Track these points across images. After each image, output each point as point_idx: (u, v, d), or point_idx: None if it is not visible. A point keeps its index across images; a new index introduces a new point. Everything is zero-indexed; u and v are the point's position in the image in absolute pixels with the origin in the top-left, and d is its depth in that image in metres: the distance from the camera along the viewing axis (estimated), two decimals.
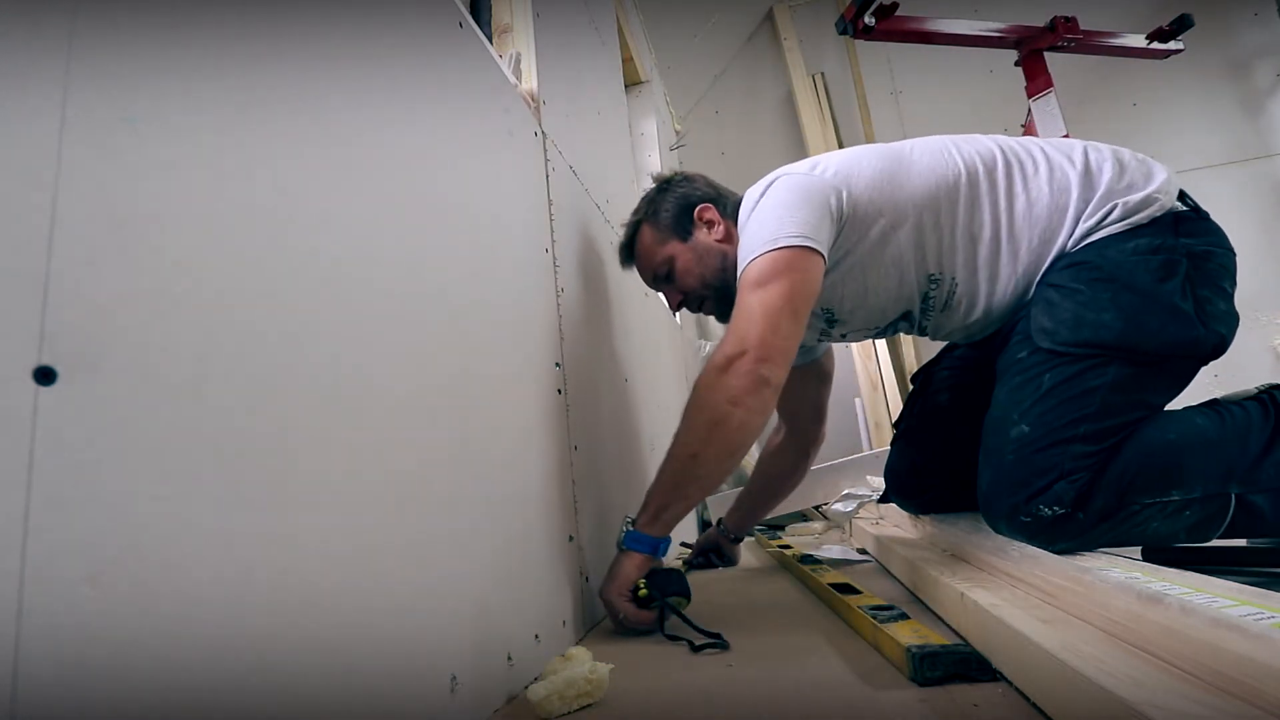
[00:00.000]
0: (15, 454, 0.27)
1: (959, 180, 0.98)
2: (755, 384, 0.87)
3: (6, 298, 0.27)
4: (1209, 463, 0.85)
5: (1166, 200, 0.93)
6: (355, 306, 0.51)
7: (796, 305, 0.90)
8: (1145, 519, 0.86)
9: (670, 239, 1.12)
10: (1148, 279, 0.88)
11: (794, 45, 3.31)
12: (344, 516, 0.46)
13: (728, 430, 0.87)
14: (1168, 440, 0.87)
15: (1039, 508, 0.85)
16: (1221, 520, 0.86)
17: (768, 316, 0.88)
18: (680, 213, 1.12)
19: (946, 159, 1.00)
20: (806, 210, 0.93)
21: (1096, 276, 0.90)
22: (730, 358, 0.88)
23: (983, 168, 0.99)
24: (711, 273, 1.10)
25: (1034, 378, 0.91)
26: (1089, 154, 0.98)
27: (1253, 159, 2.84)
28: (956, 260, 0.99)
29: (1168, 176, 0.96)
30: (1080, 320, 0.89)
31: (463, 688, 0.56)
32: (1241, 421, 0.88)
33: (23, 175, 0.29)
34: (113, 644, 0.29)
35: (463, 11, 0.82)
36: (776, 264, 0.90)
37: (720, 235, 1.09)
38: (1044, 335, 0.91)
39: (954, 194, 0.98)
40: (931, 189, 0.98)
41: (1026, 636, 0.54)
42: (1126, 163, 0.97)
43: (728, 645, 0.78)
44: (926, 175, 0.98)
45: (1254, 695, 0.39)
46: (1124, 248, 0.91)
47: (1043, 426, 0.88)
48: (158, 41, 0.36)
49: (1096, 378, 0.87)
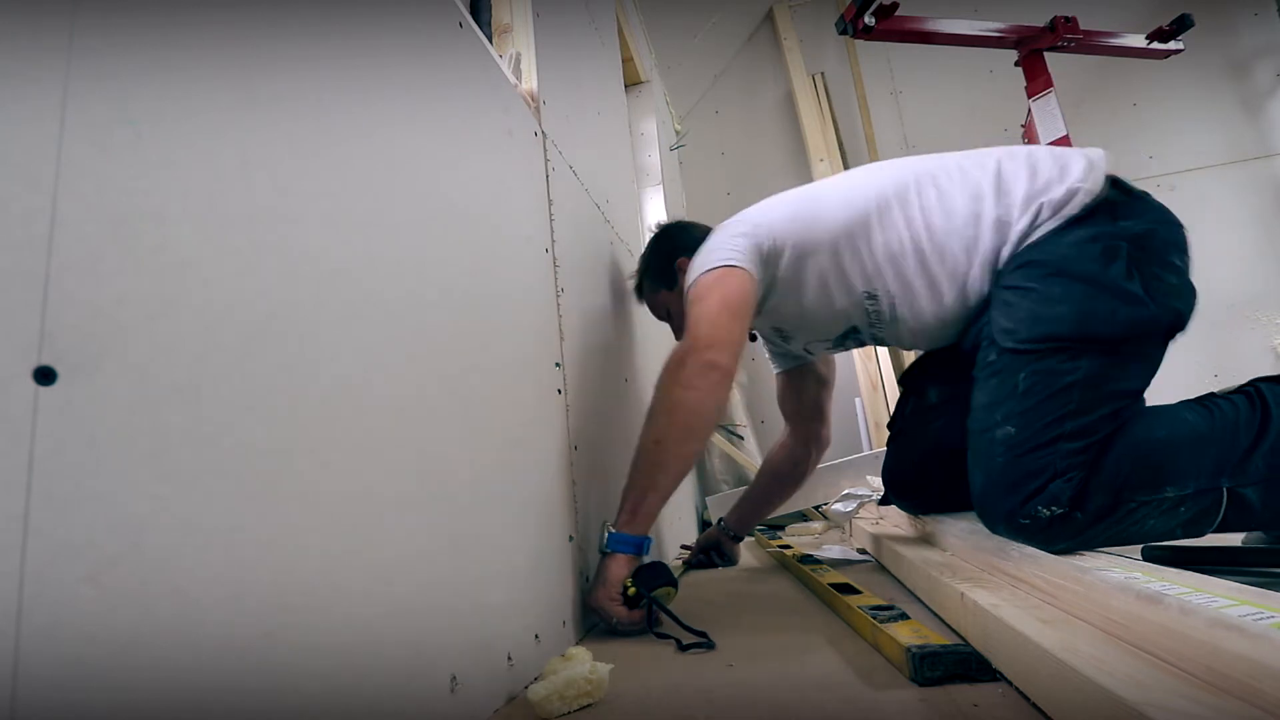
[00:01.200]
0: (15, 454, 0.27)
1: (868, 209, 1.06)
2: (703, 368, 0.98)
3: (6, 298, 0.27)
4: (1200, 458, 0.86)
5: (1091, 187, 0.95)
6: (355, 306, 0.51)
7: (731, 306, 1.03)
8: (1142, 516, 0.87)
9: (660, 288, 1.33)
10: (1092, 266, 0.90)
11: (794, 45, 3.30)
12: (344, 516, 0.46)
13: (684, 412, 0.97)
14: (1158, 438, 0.87)
15: (1037, 509, 0.85)
16: (1215, 514, 0.87)
17: (707, 317, 1.02)
18: (665, 265, 1.30)
19: (856, 192, 1.09)
20: (733, 242, 1.09)
21: (1046, 272, 0.93)
22: (681, 354, 1.00)
23: (893, 190, 1.06)
24: None
25: (1007, 378, 0.92)
26: (1001, 162, 1.02)
27: (1253, 159, 2.84)
28: (886, 277, 1.06)
29: (1087, 165, 0.97)
30: (1036, 316, 0.91)
31: (463, 688, 0.56)
32: (1230, 415, 0.88)
33: (23, 175, 0.29)
34: (113, 644, 0.29)
35: (463, 11, 0.82)
36: (709, 281, 1.06)
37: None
38: (1005, 335, 0.94)
39: (866, 220, 1.06)
40: (844, 221, 1.07)
41: (1026, 636, 0.54)
42: (1039, 162, 1.00)
43: (714, 645, 0.79)
44: (838, 210, 1.08)
45: (1254, 695, 0.39)
46: (1063, 240, 0.94)
47: (1028, 427, 0.89)
48: (158, 41, 0.36)
49: (1069, 373, 0.89)
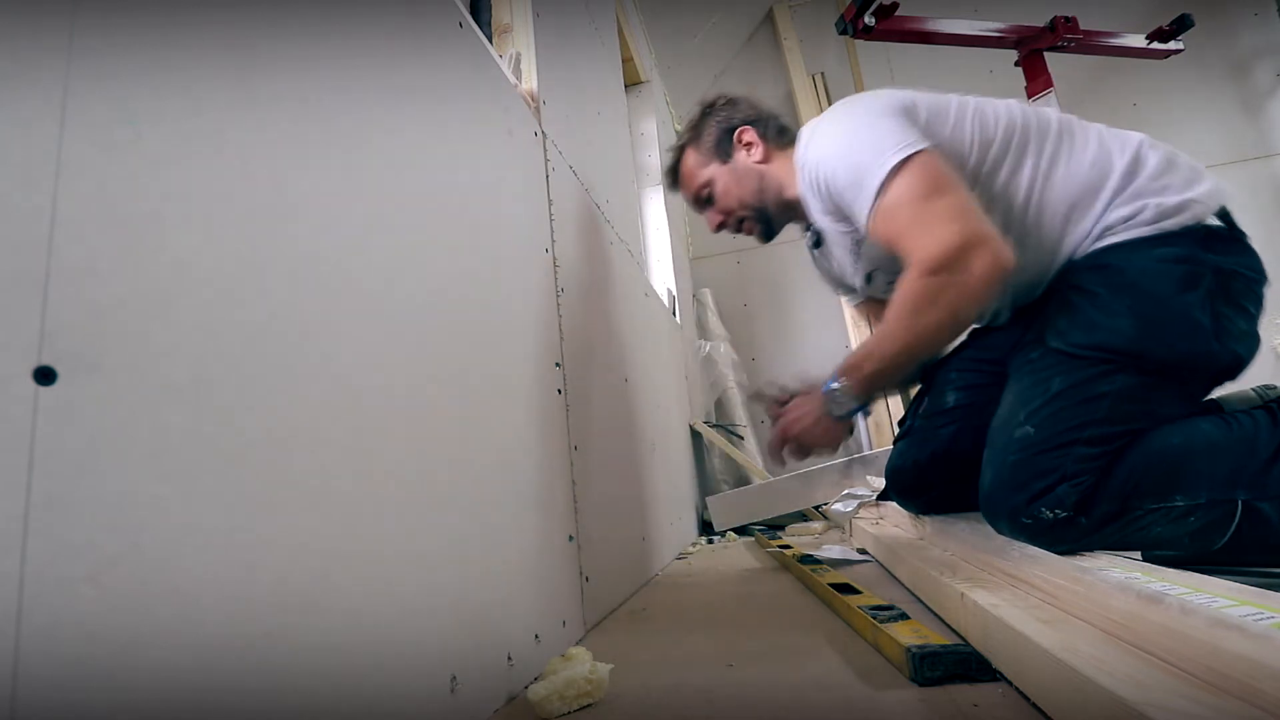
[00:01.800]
0: (15, 454, 0.27)
1: (1010, 134, 0.97)
2: (997, 273, 0.85)
3: (6, 298, 0.27)
4: (1214, 468, 0.85)
5: (1201, 211, 0.91)
6: (354, 306, 0.51)
7: (966, 191, 0.90)
8: (1148, 523, 0.86)
9: (712, 161, 1.17)
10: (1168, 288, 0.87)
11: (794, 45, 3.30)
12: (344, 516, 0.46)
13: (964, 323, 0.91)
14: (1172, 444, 0.86)
15: (1040, 510, 0.85)
16: (1226, 527, 0.85)
17: (967, 207, 0.87)
18: (722, 135, 1.15)
19: (994, 112, 1.00)
20: (892, 125, 0.93)
21: (1118, 281, 0.90)
22: (958, 250, 0.84)
23: (1036, 124, 0.99)
24: (750, 193, 1.15)
25: (1043, 379, 0.91)
26: (1142, 146, 0.97)
27: (1253, 159, 2.84)
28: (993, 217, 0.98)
29: (1213, 187, 0.94)
30: (1094, 324, 0.89)
31: (463, 688, 0.56)
32: (1249, 428, 0.87)
33: (23, 175, 0.29)
34: (113, 644, 0.29)
35: (463, 11, 0.82)
36: (909, 180, 0.89)
37: (759, 157, 1.14)
38: (1057, 336, 0.92)
39: (1004, 146, 0.97)
40: (979, 139, 0.97)
41: (1026, 636, 0.54)
42: (1177, 163, 0.96)
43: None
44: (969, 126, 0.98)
45: (1254, 695, 0.39)
46: (1150, 254, 0.90)
47: (1047, 429, 0.88)
48: (158, 41, 0.36)
49: (1106, 384, 0.87)
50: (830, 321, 2.98)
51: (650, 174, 2.63)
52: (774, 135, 1.16)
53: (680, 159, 1.23)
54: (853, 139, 0.96)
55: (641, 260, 1.90)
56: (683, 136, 1.23)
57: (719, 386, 2.66)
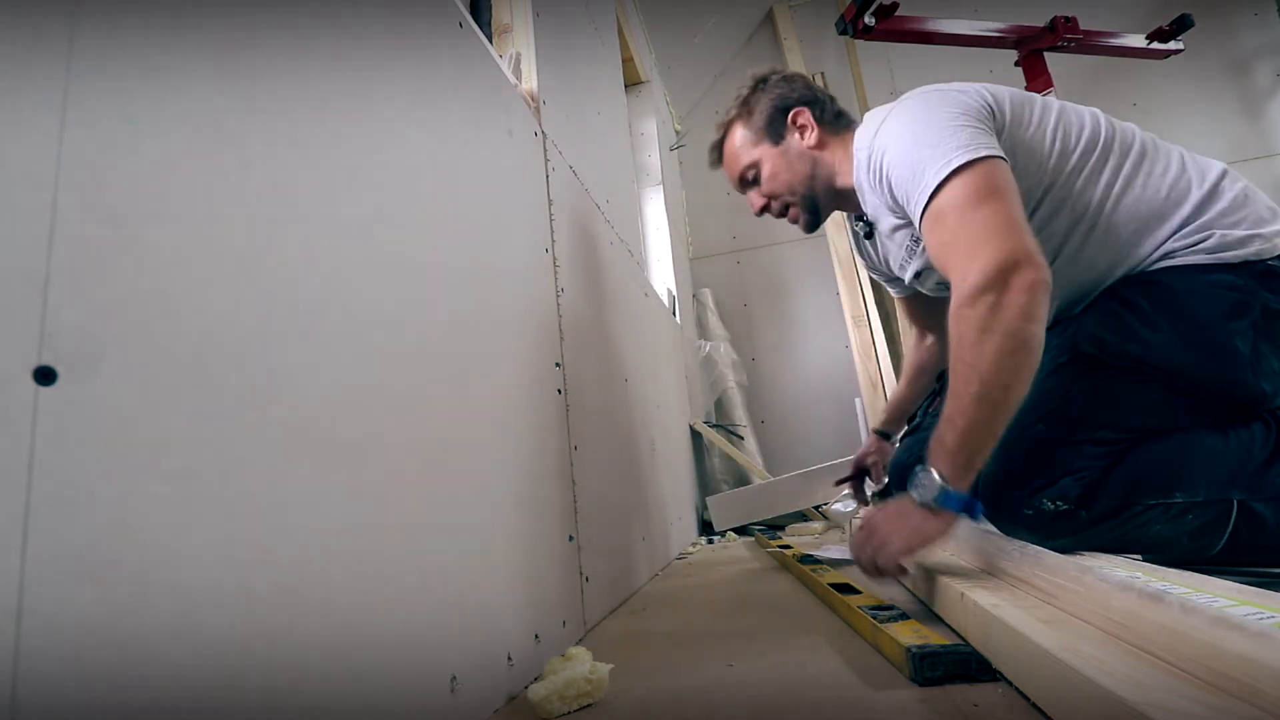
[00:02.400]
0: (15, 454, 0.27)
1: (1096, 138, 0.94)
2: (1041, 290, 0.77)
3: (6, 298, 0.27)
4: (1213, 467, 0.86)
5: (1265, 249, 0.89)
6: (354, 306, 0.51)
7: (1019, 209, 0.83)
8: (1148, 520, 0.86)
9: (762, 141, 1.10)
10: (1215, 312, 0.86)
11: (794, 45, 3.30)
12: (344, 516, 0.46)
13: (1032, 349, 0.77)
14: (1173, 445, 0.87)
15: (1043, 501, 0.86)
16: (1224, 527, 0.86)
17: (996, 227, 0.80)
18: (775, 115, 1.09)
19: (1080, 119, 0.96)
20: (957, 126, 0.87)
21: (1165, 298, 0.88)
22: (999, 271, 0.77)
23: (1120, 138, 0.95)
24: (800, 179, 1.09)
25: (1065, 380, 0.89)
26: (1224, 179, 0.94)
27: (1253, 159, 2.84)
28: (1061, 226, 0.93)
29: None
30: (1131, 332, 0.88)
31: (463, 688, 0.56)
32: (1244, 432, 0.88)
33: (23, 175, 0.29)
34: (113, 644, 0.29)
35: (463, 11, 0.82)
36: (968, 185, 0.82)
37: (813, 141, 1.08)
38: (1091, 342, 0.90)
39: (1089, 149, 0.93)
40: (1062, 146, 0.93)
41: (1026, 636, 0.54)
42: (1253, 199, 0.93)
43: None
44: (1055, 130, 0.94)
45: (1254, 695, 0.39)
46: (1202, 279, 0.88)
47: (1059, 427, 0.87)
48: (158, 42, 0.36)
49: (1129, 393, 0.86)
50: (830, 321, 2.98)
51: (650, 174, 2.63)
52: (830, 119, 1.09)
53: (727, 134, 1.15)
54: (921, 135, 0.89)
55: (641, 260, 1.90)
56: (731, 110, 1.15)
57: (719, 386, 2.66)
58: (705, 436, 2.32)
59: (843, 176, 1.07)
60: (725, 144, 1.16)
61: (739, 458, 2.30)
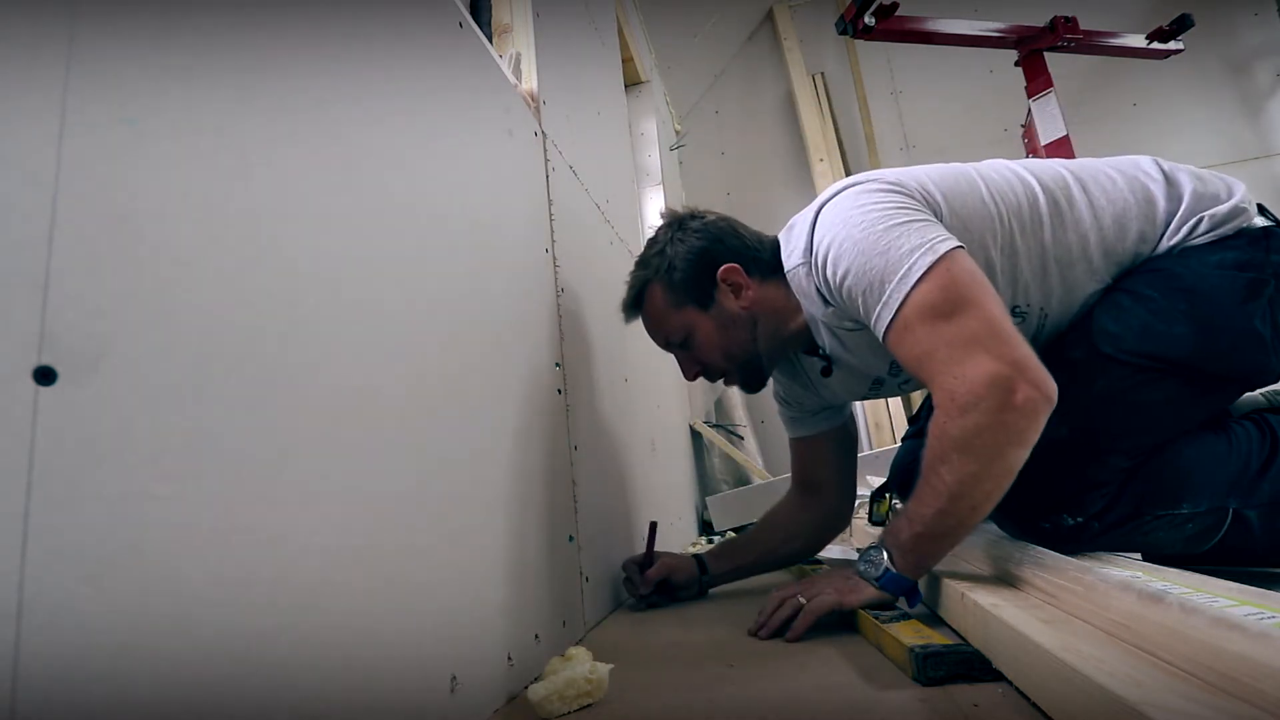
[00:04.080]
0: (15, 454, 0.27)
1: (1035, 198, 0.87)
2: (1043, 408, 0.71)
3: (6, 298, 0.27)
4: (1216, 477, 0.86)
5: (1251, 213, 0.87)
6: (355, 306, 0.51)
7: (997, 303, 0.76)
8: (1152, 528, 0.87)
9: (686, 305, 0.95)
10: (1230, 296, 0.82)
11: (794, 45, 3.30)
12: (344, 516, 0.46)
13: (1011, 473, 0.73)
14: (1186, 454, 0.86)
15: (1064, 517, 0.85)
16: (1217, 533, 0.87)
17: (985, 335, 0.73)
18: (700, 274, 0.94)
19: (1011, 178, 0.89)
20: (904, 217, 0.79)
21: (1175, 285, 0.83)
22: (999, 390, 0.70)
23: (1054, 183, 0.89)
24: (739, 345, 0.95)
25: (1086, 381, 0.84)
26: (1163, 166, 0.91)
27: (1253, 159, 2.84)
28: (1050, 285, 0.87)
29: (1245, 188, 0.89)
30: (1149, 330, 0.83)
31: (463, 688, 0.56)
32: (1244, 439, 0.88)
33: (23, 175, 0.29)
34: (113, 644, 0.29)
35: (463, 11, 0.82)
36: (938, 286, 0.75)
37: (748, 301, 0.93)
38: (1107, 339, 0.85)
39: (1033, 212, 0.87)
40: (1007, 207, 0.86)
41: (1027, 636, 0.54)
42: (1202, 174, 0.91)
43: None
44: (992, 194, 0.87)
45: (1254, 695, 0.39)
46: (1208, 260, 0.84)
47: (1084, 434, 0.83)
48: (157, 42, 0.36)
49: (1151, 392, 0.83)
50: None
51: (650, 174, 2.63)
52: (764, 268, 0.94)
53: (645, 295, 0.99)
54: (865, 243, 0.79)
55: None
56: (647, 264, 0.98)
57: (719, 386, 2.66)
58: (705, 436, 2.32)
59: (793, 318, 0.94)
60: (645, 304, 1.00)
61: (739, 458, 2.30)
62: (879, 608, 0.79)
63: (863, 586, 0.79)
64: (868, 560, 0.79)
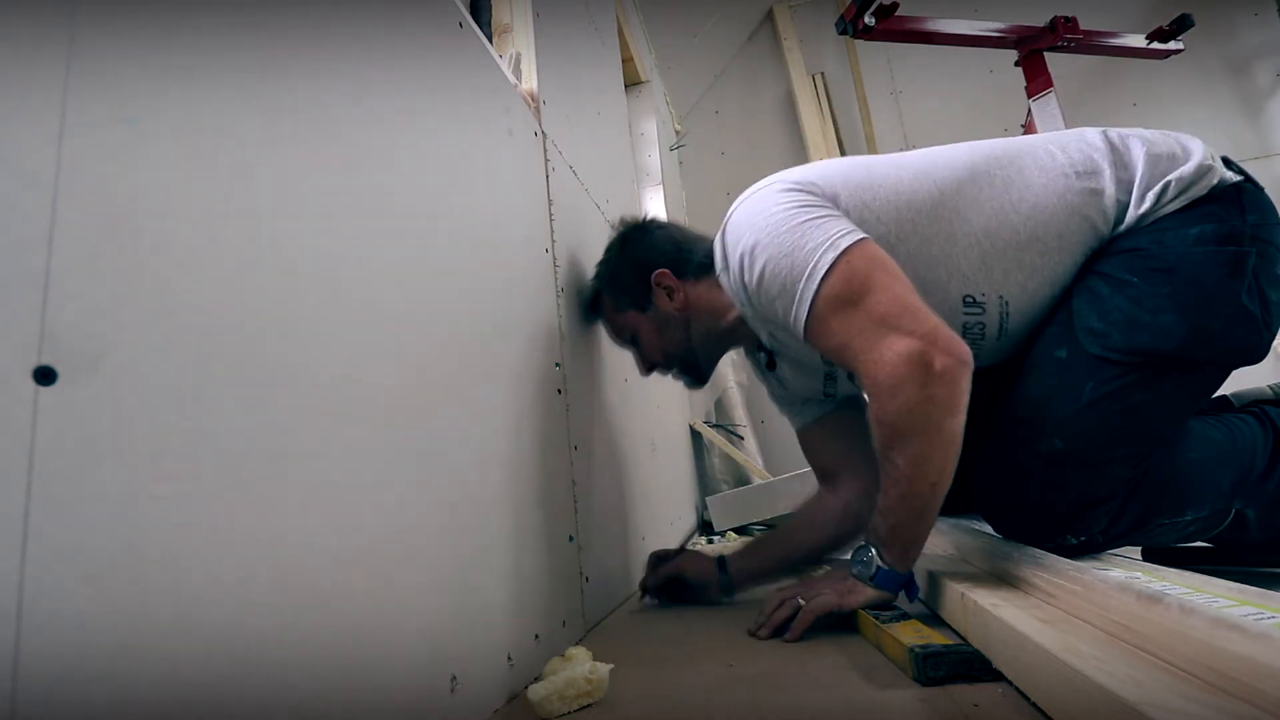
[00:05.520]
0: (15, 454, 0.27)
1: (958, 181, 0.85)
2: (962, 374, 0.72)
3: (6, 298, 0.27)
4: (1221, 480, 0.85)
5: (1220, 167, 0.81)
6: (355, 306, 0.51)
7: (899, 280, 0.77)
8: (1156, 534, 0.87)
9: (627, 309, 1.02)
10: (1214, 275, 0.77)
11: (794, 45, 3.30)
12: (344, 516, 0.46)
13: (958, 443, 0.74)
14: (1191, 459, 0.84)
15: (1066, 538, 0.84)
16: (1215, 530, 0.88)
17: (893, 313, 0.74)
18: (636, 281, 1.00)
19: (933, 164, 0.88)
20: (808, 214, 0.80)
21: (1153, 267, 0.78)
22: (916, 367, 0.71)
23: (985, 163, 0.86)
24: (674, 343, 1.01)
25: (1074, 384, 0.80)
26: (1109, 134, 0.86)
27: (1253, 159, 2.83)
28: (994, 274, 0.83)
29: (1203, 145, 0.83)
30: (1135, 322, 0.78)
31: (463, 688, 0.56)
32: (1248, 437, 0.87)
33: (23, 175, 0.29)
34: (113, 644, 0.29)
35: (463, 11, 0.82)
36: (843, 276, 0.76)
37: (681, 302, 0.98)
38: (1092, 338, 0.80)
39: (957, 196, 0.84)
40: (926, 198, 0.84)
41: (1027, 636, 0.54)
42: (1153, 138, 0.85)
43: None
44: (911, 183, 0.85)
45: (1254, 695, 0.39)
46: (1186, 234, 0.78)
47: (1079, 443, 0.80)
48: (157, 42, 0.36)
49: (1145, 392, 0.78)
50: None
51: (650, 174, 2.63)
52: (695, 270, 0.97)
53: (598, 301, 1.09)
54: (771, 246, 0.80)
55: None
56: (598, 275, 1.08)
57: (719, 386, 2.65)
58: (705, 436, 2.32)
59: (727, 313, 0.95)
60: (601, 309, 1.09)
61: (739, 458, 2.30)
62: (879, 608, 0.79)
63: (861, 587, 0.80)
64: (860, 561, 0.80)
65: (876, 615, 0.76)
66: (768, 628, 0.81)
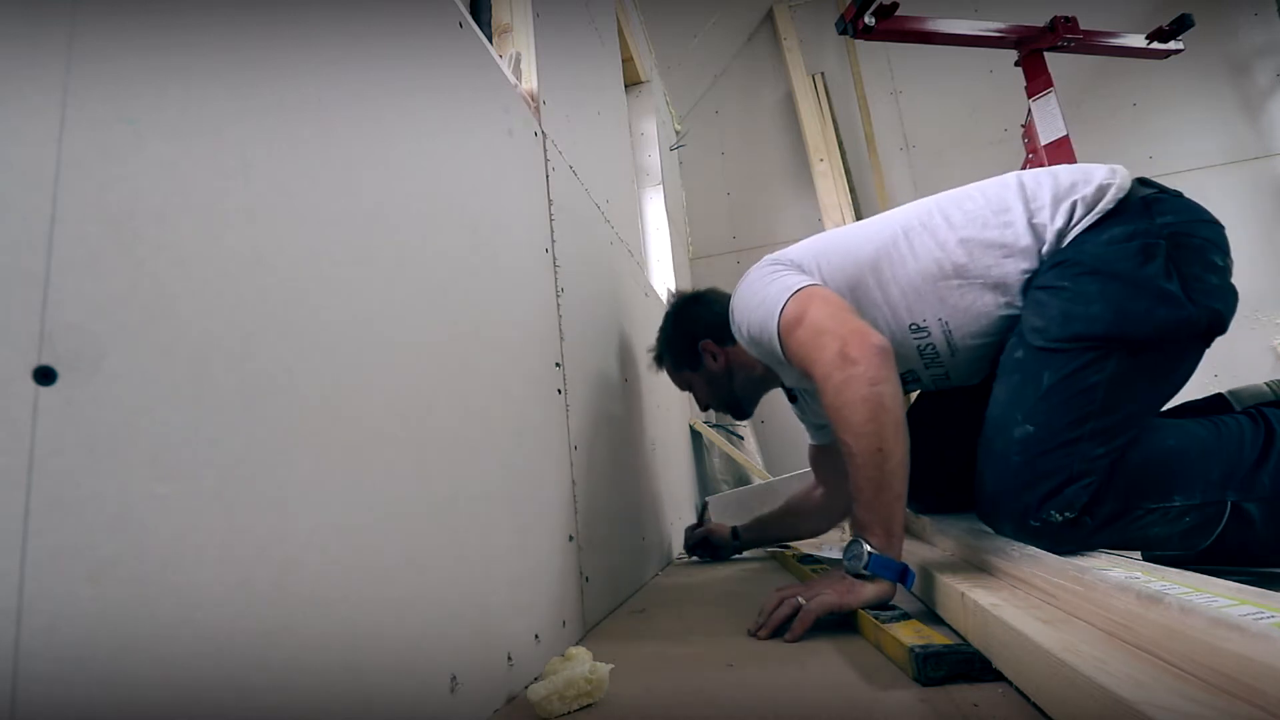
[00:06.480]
0: (15, 454, 0.27)
1: (893, 235, 1.05)
2: (874, 355, 0.87)
3: (6, 298, 0.27)
4: (1208, 469, 0.87)
5: (1121, 184, 0.94)
6: (354, 306, 0.51)
7: (830, 302, 0.97)
8: (1147, 523, 0.87)
9: (683, 369, 1.33)
10: (1128, 264, 0.88)
11: (794, 45, 3.30)
12: (343, 517, 0.46)
13: (887, 407, 0.85)
14: (1169, 445, 0.88)
15: (1050, 512, 0.85)
16: (1216, 526, 0.87)
17: (818, 326, 0.93)
18: (687, 348, 1.30)
19: (875, 226, 1.09)
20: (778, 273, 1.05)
21: (1080, 271, 0.91)
22: (838, 357, 0.88)
23: (916, 217, 1.05)
24: (722, 393, 1.31)
25: (1033, 375, 0.90)
26: (1021, 177, 1.02)
27: (1253, 159, 2.83)
28: (928, 303, 1.01)
29: (1109, 169, 0.96)
30: (1069, 315, 0.89)
31: (463, 688, 0.56)
32: (1235, 431, 0.89)
33: (23, 175, 0.29)
34: (113, 644, 0.29)
35: (463, 11, 0.82)
36: (791, 316, 0.97)
37: (723, 364, 1.26)
38: (1036, 334, 0.92)
39: (892, 246, 1.04)
40: (870, 253, 1.05)
41: (1027, 636, 0.54)
42: (1059, 171, 1.01)
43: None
44: (861, 244, 1.07)
45: (1254, 695, 0.39)
46: (1099, 240, 0.91)
47: (1047, 426, 0.87)
48: (157, 42, 0.36)
49: (1096, 372, 0.87)
50: None
51: (650, 174, 2.63)
52: (731, 337, 1.18)
53: (659, 357, 1.40)
54: (752, 299, 1.05)
55: (641, 260, 1.90)
56: (659, 344, 1.37)
57: None
58: (705, 436, 2.32)
59: (758, 366, 1.22)
60: (665, 366, 1.39)
61: (739, 458, 2.29)
62: (879, 608, 0.79)
63: (861, 587, 0.82)
64: (852, 555, 0.84)
65: (876, 615, 0.76)
66: (768, 628, 0.82)
